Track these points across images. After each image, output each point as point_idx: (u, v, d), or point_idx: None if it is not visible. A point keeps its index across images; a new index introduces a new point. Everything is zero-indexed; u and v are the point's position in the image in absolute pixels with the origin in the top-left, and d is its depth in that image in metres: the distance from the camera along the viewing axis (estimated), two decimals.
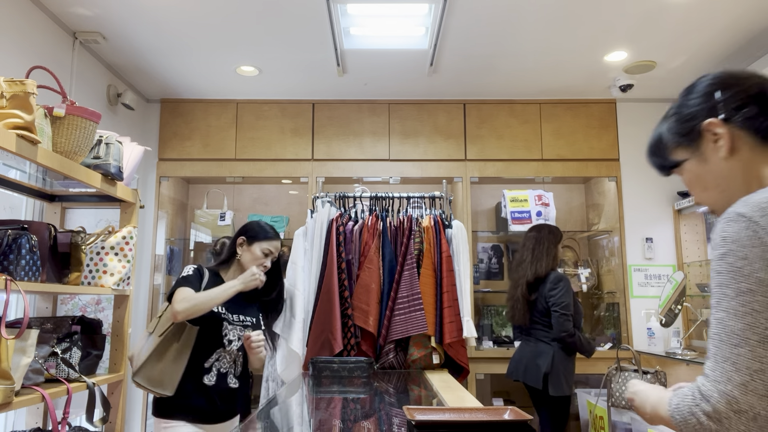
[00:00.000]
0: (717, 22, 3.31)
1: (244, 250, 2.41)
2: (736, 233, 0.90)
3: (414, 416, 1.31)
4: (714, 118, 1.01)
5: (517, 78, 4.11)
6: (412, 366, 3.11)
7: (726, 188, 1.03)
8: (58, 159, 2.11)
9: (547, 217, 4.25)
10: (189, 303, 2.14)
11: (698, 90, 1.06)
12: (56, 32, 3.29)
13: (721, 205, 1.05)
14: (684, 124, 1.06)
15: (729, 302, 0.89)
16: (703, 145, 1.04)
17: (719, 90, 1.02)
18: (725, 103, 1.01)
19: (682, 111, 1.08)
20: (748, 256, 0.87)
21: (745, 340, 0.85)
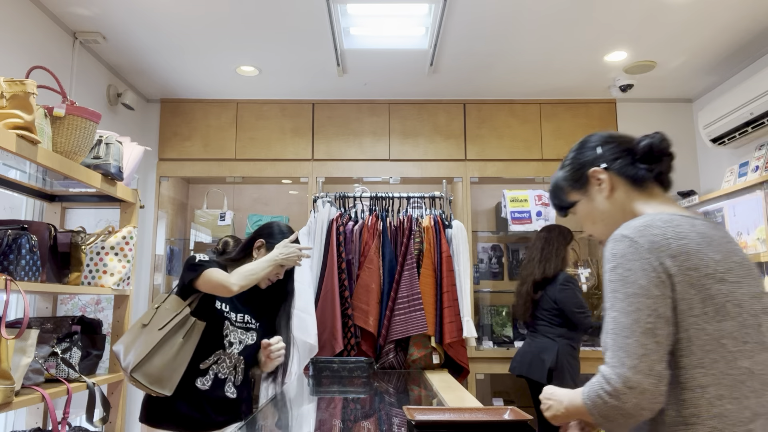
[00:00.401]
0: (717, 22, 3.31)
1: (260, 254, 2.19)
2: (622, 250, 1.14)
3: (414, 416, 1.31)
4: (597, 167, 1.30)
5: (517, 78, 4.11)
6: (412, 366, 3.11)
7: (609, 221, 1.30)
8: (58, 159, 2.11)
9: (547, 217, 4.25)
10: (240, 275, 1.99)
11: (585, 146, 1.35)
12: (56, 32, 3.29)
13: (606, 235, 1.31)
14: (575, 173, 1.35)
15: (620, 304, 1.11)
16: (590, 188, 1.32)
17: (601, 146, 1.32)
18: (606, 155, 1.31)
19: (573, 163, 1.36)
20: (632, 267, 1.11)
21: (633, 332, 1.07)
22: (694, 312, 1.09)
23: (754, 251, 3.68)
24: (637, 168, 1.29)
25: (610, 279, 1.15)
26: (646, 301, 1.08)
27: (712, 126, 3.84)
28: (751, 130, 3.56)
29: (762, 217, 3.49)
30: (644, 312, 1.07)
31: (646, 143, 1.29)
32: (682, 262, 1.10)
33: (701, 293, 1.09)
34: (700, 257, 1.11)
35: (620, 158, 1.30)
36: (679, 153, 4.70)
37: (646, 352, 1.05)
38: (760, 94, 3.34)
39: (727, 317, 1.09)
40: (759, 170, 3.52)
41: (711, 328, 1.08)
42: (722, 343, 1.08)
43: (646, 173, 1.29)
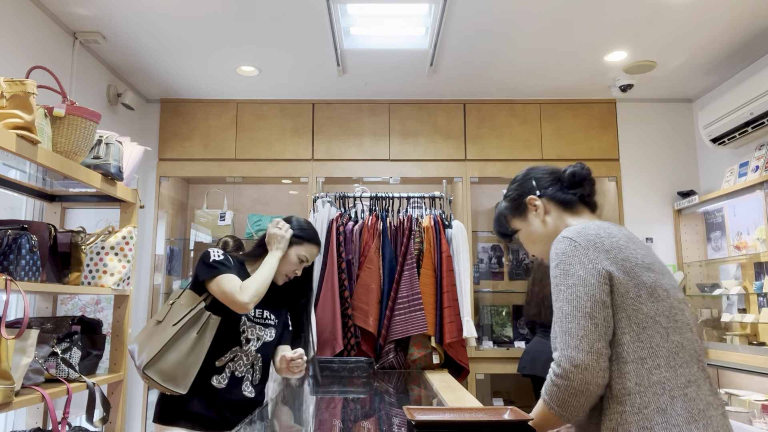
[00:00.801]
0: (717, 22, 3.31)
1: None
2: (563, 249, 1.32)
3: (414, 416, 1.31)
4: (533, 195, 1.52)
5: (517, 78, 4.11)
6: (412, 366, 3.11)
7: (547, 240, 1.51)
8: (58, 159, 2.11)
9: None
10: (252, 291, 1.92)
11: (520, 179, 1.58)
12: (56, 32, 3.29)
13: (545, 254, 1.53)
14: (515, 202, 1.56)
15: (563, 295, 1.27)
16: (529, 214, 1.53)
17: (534, 179, 1.55)
18: (539, 185, 1.53)
19: (512, 194, 1.58)
20: (572, 262, 1.29)
21: (575, 317, 1.23)
22: (630, 295, 1.26)
23: (754, 251, 3.68)
24: (565, 193, 1.51)
25: (554, 275, 1.31)
26: (584, 290, 1.25)
27: (712, 126, 3.84)
28: (751, 130, 3.56)
29: (762, 217, 3.49)
30: (582, 299, 1.24)
31: (570, 171, 1.51)
32: (615, 254, 1.29)
33: (634, 280, 1.27)
34: (629, 251, 1.31)
35: (551, 186, 1.52)
36: (679, 153, 4.74)
37: (585, 333, 1.21)
38: (760, 94, 3.34)
39: (658, 299, 1.27)
40: (759, 170, 3.52)
41: (646, 308, 1.26)
42: (657, 320, 1.26)
43: (572, 197, 1.50)
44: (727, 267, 4.02)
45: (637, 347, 1.23)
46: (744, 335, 3.70)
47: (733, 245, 3.92)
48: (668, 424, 1.17)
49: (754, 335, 3.71)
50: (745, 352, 3.51)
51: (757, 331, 3.70)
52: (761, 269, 3.61)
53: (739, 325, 3.83)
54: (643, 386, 1.21)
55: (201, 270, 1.99)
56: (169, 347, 1.91)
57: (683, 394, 1.20)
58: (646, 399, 1.20)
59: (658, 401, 1.19)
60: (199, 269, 1.99)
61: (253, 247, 2.19)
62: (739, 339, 3.66)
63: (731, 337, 3.73)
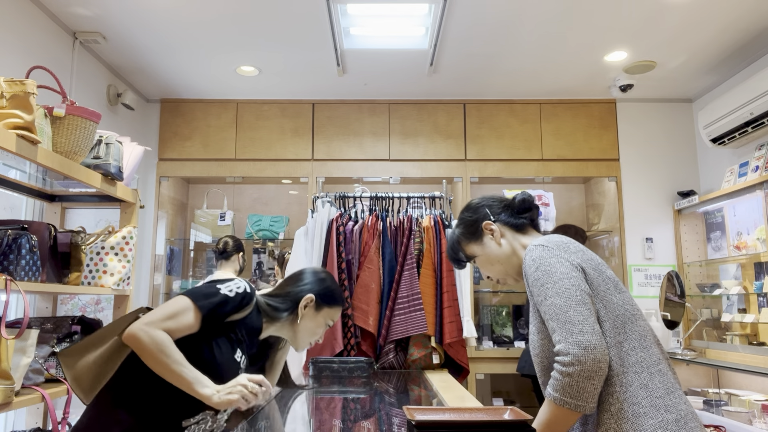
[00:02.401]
0: (717, 22, 3.31)
1: (307, 314, 1.77)
2: (539, 254, 1.44)
3: (414, 416, 1.31)
4: (488, 220, 1.63)
5: (517, 78, 4.11)
6: (412, 366, 3.11)
7: (504, 262, 1.61)
8: (58, 159, 2.11)
9: (547, 217, 4.25)
10: (159, 347, 1.41)
11: (473, 206, 1.68)
12: (56, 32, 3.29)
13: (503, 274, 1.64)
14: (471, 228, 1.65)
15: (551, 292, 1.36)
16: (485, 238, 1.63)
17: (486, 206, 1.66)
18: (493, 211, 1.65)
19: (466, 221, 1.67)
20: (551, 263, 1.41)
21: (570, 307, 1.33)
22: (601, 288, 1.41)
23: (754, 251, 3.68)
24: (516, 218, 1.63)
25: (536, 277, 1.40)
26: (570, 281, 1.37)
27: (712, 126, 3.84)
28: (751, 130, 3.56)
29: (762, 217, 3.49)
30: (572, 290, 1.35)
31: (520, 199, 1.65)
32: (580, 255, 1.45)
33: (601, 275, 1.43)
34: (589, 254, 1.48)
35: (503, 212, 1.64)
36: (679, 153, 4.73)
37: (584, 317, 1.31)
38: (760, 94, 3.34)
39: (622, 291, 1.44)
40: (759, 170, 3.52)
41: (615, 299, 1.41)
42: (625, 308, 1.41)
43: (524, 220, 1.63)
44: (727, 267, 4.02)
45: (615, 333, 1.37)
46: (744, 335, 3.70)
47: (733, 245, 3.92)
48: (652, 397, 1.32)
49: (754, 335, 3.71)
50: (745, 352, 3.51)
51: (757, 331, 3.70)
52: (761, 269, 3.61)
53: (739, 325, 3.83)
54: (625, 367, 1.34)
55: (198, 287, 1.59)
56: (94, 343, 1.52)
57: (658, 370, 1.36)
58: (629, 378, 1.33)
59: (640, 378, 1.33)
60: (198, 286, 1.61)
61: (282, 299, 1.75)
62: (739, 339, 3.66)
63: (731, 337, 3.73)
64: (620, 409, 1.31)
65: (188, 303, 1.50)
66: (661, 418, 1.30)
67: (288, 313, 1.73)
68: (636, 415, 1.31)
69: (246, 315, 1.62)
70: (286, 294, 1.76)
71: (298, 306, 1.74)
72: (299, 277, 1.82)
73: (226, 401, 1.43)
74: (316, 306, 1.77)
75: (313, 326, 1.78)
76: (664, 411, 1.31)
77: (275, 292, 1.78)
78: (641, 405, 1.31)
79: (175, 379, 1.42)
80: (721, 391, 3.69)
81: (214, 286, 1.58)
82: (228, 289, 1.58)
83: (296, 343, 1.79)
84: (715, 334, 4.04)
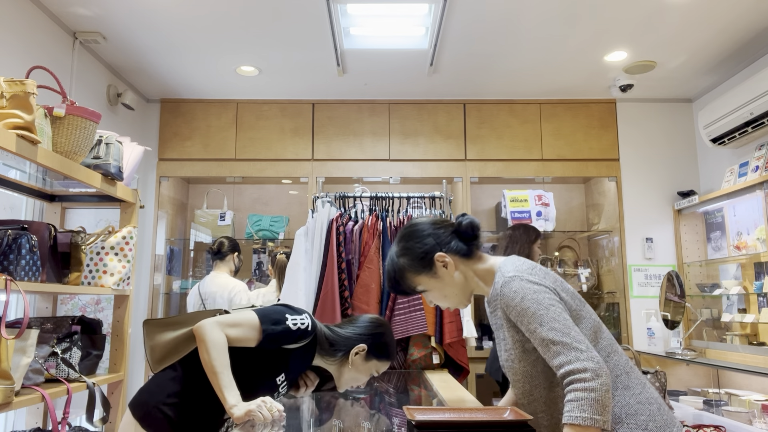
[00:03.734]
0: (717, 22, 3.31)
1: (356, 360, 1.81)
2: (519, 285, 1.43)
3: (414, 416, 1.31)
4: (440, 251, 1.55)
5: (517, 78, 4.11)
6: (412, 366, 3.11)
7: (460, 291, 1.58)
8: (58, 159, 2.11)
9: (547, 217, 4.25)
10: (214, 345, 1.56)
11: (418, 235, 1.59)
12: (56, 32, 3.29)
13: (461, 302, 1.60)
14: (422, 260, 1.56)
15: (546, 318, 1.37)
16: (438, 269, 1.56)
17: (432, 236, 1.58)
18: (441, 240, 1.57)
19: (414, 251, 1.57)
20: (535, 290, 1.41)
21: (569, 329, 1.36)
22: (573, 305, 1.47)
23: (754, 251, 3.68)
24: (467, 244, 1.57)
25: (525, 306, 1.40)
26: (558, 307, 1.40)
27: (712, 126, 3.84)
28: (751, 130, 3.56)
29: (762, 217, 3.49)
30: (563, 316, 1.39)
31: (467, 223, 1.58)
32: (550, 279, 1.48)
33: (567, 293, 1.48)
34: (552, 275, 1.52)
35: (452, 239, 1.58)
36: (679, 153, 4.73)
37: (582, 338, 1.36)
38: (760, 94, 3.34)
39: (585, 303, 1.52)
40: (759, 170, 3.52)
41: (584, 312, 1.48)
42: (593, 318, 1.49)
43: (474, 247, 1.58)
44: (727, 267, 4.02)
45: (594, 344, 1.45)
46: (744, 335, 3.70)
47: (733, 245, 3.92)
48: (635, 395, 1.42)
49: (754, 335, 3.71)
50: (745, 352, 3.51)
51: (757, 331, 3.70)
52: (761, 269, 3.61)
53: (739, 325, 3.83)
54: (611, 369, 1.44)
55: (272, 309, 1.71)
56: (176, 324, 1.74)
57: (630, 368, 1.47)
58: (613, 384, 1.42)
59: (621, 381, 1.43)
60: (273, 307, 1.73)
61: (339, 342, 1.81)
62: (739, 339, 3.66)
63: (731, 337, 3.73)
64: (616, 415, 1.39)
65: (256, 322, 1.65)
66: (647, 411, 1.40)
67: (341, 354, 1.81)
68: (629, 415, 1.39)
69: (301, 346, 1.71)
70: (346, 338, 1.83)
71: (350, 352, 1.80)
72: (358, 322, 1.88)
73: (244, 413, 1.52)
74: (367, 356, 1.82)
75: (358, 374, 1.83)
76: (647, 404, 1.41)
77: (336, 328, 1.86)
78: (630, 405, 1.40)
79: (214, 378, 1.56)
80: (721, 391, 3.69)
81: (284, 314, 1.70)
82: (293, 322, 1.69)
83: (339, 383, 1.85)
84: (715, 334, 4.04)
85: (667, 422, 1.42)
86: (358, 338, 1.82)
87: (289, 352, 1.71)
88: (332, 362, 1.82)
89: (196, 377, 1.69)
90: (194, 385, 1.70)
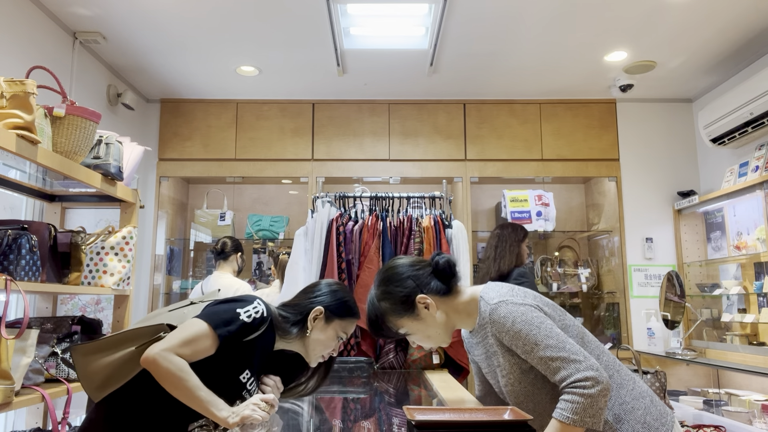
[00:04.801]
0: (717, 22, 3.31)
1: (317, 326, 1.70)
2: (507, 309, 1.48)
3: (414, 416, 1.31)
4: (421, 293, 1.58)
5: (517, 78, 4.11)
6: (412, 366, 3.11)
7: (442, 329, 1.61)
8: (58, 159, 2.11)
9: (547, 217, 4.25)
10: (177, 373, 1.41)
11: (396, 279, 1.62)
12: (56, 32, 3.29)
13: (440, 341, 1.64)
14: (403, 304, 1.59)
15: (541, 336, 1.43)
16: (420, 311, 1.59)
17: (412, 278, 1.61)
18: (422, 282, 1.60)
19: (395, 295, 1.60)
20: (524, 312, 1.47)
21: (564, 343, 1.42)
22: (557, 316, 1.54)
23: (754, 251, 3.68)
24: (445, 283, 1.61)
25: (518, 329, 1.45)
26: (548, 323, 1.46)
27: (712, 126, 3.84)
28: (751, 130, 3.56)
29: (762, 217, 3.49)
30: (554, 330, 1.45)
31: (444, 262, 1.61)
32: (530, 298, 1.53)
33: (548, 306, 1.55)
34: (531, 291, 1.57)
35: (432, 281, 1.61)
36: (679, 153, 4.74)
37: (577, 348, 1.43)
38: (760, 94, 3.34)
39: (567, 313, 1.58)
40: (759, 170, 3.52)
41: (567, 320, 1.55)
42: (576, 324, 1.56)
43: (452, 284, 1.62)
44: (727, 267, 4.02)
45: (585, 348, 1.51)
46: (744, 335, 3.70)
47: (733, 245, 3.92)
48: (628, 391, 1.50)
49: (754, 335, 3.71)
50: (745, 352, 3.51)
51: (757, 331, 3.70)
52: (761, 269, 3.61)
53: (739, 325, 3.83)
54: None
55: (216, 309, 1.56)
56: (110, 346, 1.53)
57: (619, 366, 1.56)
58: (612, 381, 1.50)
59: (614, 380, 1.51)
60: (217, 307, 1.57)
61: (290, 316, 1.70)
62: (739, 339, 3.66)
63: (731, 337, 3.73)
64: (615, 414, 1.47)
65: (206, 329, 1.48)
66: (642, 406, 1.49)
67: (298, 327, 1.68)
68: (627, 411, 1.47)
69: (260, 333, 1.58)
70: (296, 305, 1.73)
71: (308, 319, 1.69)
72: (311, 289, 1.78)
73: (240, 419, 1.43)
74: (326, 318, 1.71)
75: (323, 339, 1.71)
76: (641, 399, 1.50)
77: (289, 303, 1.75)
78: (626, 402, 1.49)
79: (192, 403, 1.43)
80: (721, 391, 3.69)
81: (234, 309, 1.55)
82: (247, 315, 1.56)
83: (308, 356, 1.73)
84: (715, 334, 4.04)
85: (662, 413, 1.50)
86: (311, 302, 1.72)
87: (248, 344, 1.57)
88: (293, 338, 1.68)
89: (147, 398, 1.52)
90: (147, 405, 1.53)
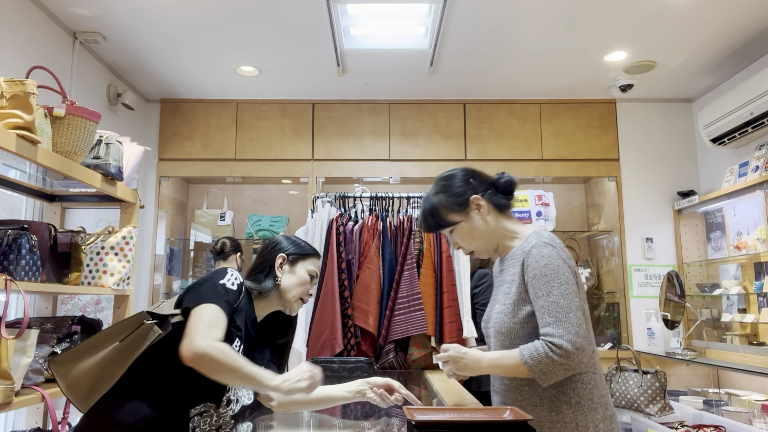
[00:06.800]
0: (717, 22, 3.31)
1: (285, 272, 1.75)
2: (549, 253, 1.53)
3: (414, 416, 1.31)
4: (477, 194, 1.64)
5: (517, 78, 4.11)
6: (412, 366, 3.11)
7: (487, 238, 1.65)
8: (58, 159, 2.11)
9: (547, 217, 4.25)
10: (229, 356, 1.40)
11: (457, 177, 1.67)
12: (56, 32, 3.29)
13: (484, 249, 1.68)
14: (458, 198, 1.64)
15: (556, 291, 1.48)
16: (471, 211, 1.64)
17: (473, 178, 1.66)
18: (479, 187, 1.65)
19: (452, 189, 1.65)
20: (559, 264, 1.51)
21: (571, 310, 1.46)
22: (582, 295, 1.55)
23: (754, 251, 3.68)
24: (501, 198, 1.66)
25: (544, 273, 1.50)
26: (572, 288, 1.49)
27: (712, 126, 3.84)
28: (751, 130, 3.56)
29: (762, 217, 3.49)
30: (573, 296, 1.48)
31: (507, 179, 1.66)
32: (573, 261, 1.57)
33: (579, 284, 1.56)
34: (574, 263, 1.57)
35: (489, 190, 1.66)
36: (679, 153, 4.73)
37: (580, 323, 1.46)
38: (760, 94, 3.34)
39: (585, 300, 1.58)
40: (759, 170, 3.52)
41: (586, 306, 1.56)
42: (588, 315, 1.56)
43: (507, 202, 1.67)
44: (727, 267, 4.02)
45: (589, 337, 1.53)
46: (744, 335, 3.70)
47: (733, 245, 3.92)
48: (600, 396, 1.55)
49: (754, 335, 3.71)
50: (745, 352, 3.51)
51: (757, 331, 3.70)
52: (761, 269, 3.61)
53: (739, 325, 3.83)
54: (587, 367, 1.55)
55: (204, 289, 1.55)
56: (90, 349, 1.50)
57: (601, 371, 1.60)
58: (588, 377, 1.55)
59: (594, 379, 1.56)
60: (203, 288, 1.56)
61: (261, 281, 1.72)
62: (739, 339, 3.66)
63: (731, 337, 3.73)
64: (578, 402, 1.52)
65: (214, 307, 1.50)
66: (602, 413, 1.54)
67: (270, 279, 1.73)
68: (589, 409, 1.53)
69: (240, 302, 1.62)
70: (259, 265, 1.77)
71: (274, 268, 1.74)
72: (265, 247, 1.83)
73: (297, 388, 1.47)
74: (291, 263, 1.77)
75: (296, 280, 1.74)
76: (604, 408, 1.55)
77: (251, 268, 1.79)
78: (593, 401, 1.54)
79: (245, 380, 1.44)
80: (721, 391, 3.69)
81: (218, 281, 1.58)
82: (231, 283, 1.60)
83: (288, 305, 1.76)
84: (715, 334, 4.04)
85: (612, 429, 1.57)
86: (271, 255, 1.77)
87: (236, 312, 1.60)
88: (269, 294, 1.71)
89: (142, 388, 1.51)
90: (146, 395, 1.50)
